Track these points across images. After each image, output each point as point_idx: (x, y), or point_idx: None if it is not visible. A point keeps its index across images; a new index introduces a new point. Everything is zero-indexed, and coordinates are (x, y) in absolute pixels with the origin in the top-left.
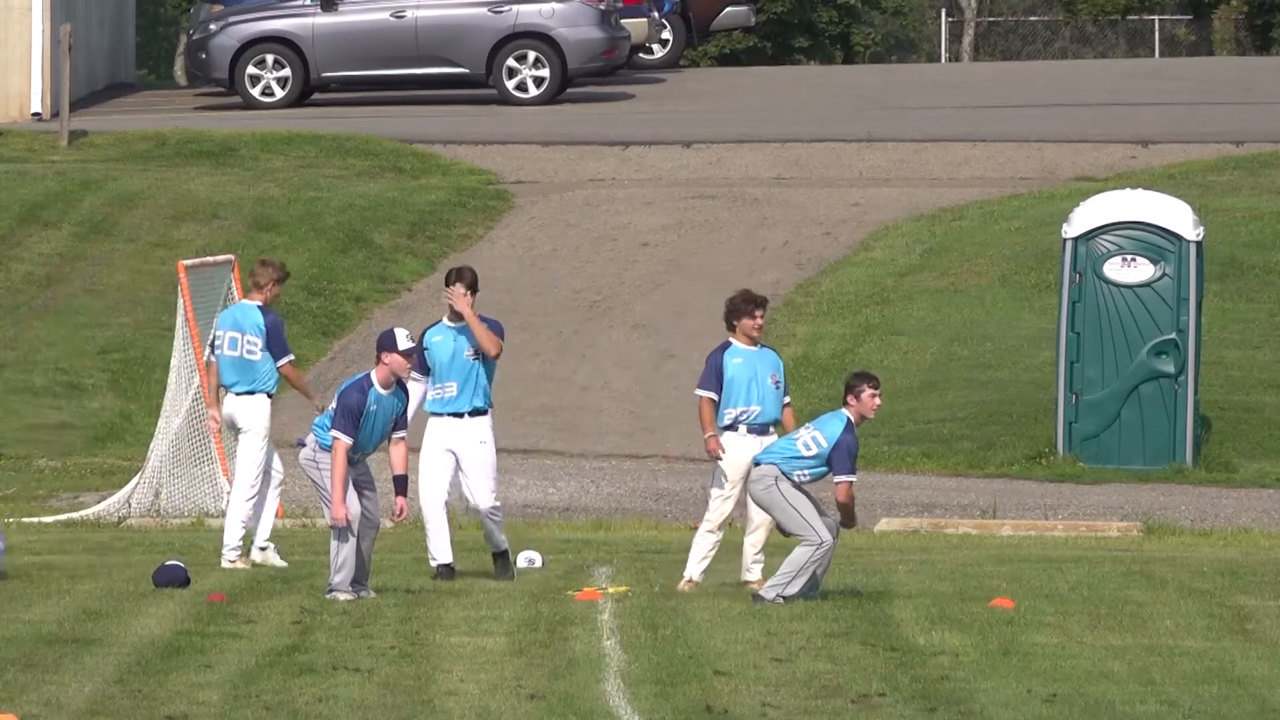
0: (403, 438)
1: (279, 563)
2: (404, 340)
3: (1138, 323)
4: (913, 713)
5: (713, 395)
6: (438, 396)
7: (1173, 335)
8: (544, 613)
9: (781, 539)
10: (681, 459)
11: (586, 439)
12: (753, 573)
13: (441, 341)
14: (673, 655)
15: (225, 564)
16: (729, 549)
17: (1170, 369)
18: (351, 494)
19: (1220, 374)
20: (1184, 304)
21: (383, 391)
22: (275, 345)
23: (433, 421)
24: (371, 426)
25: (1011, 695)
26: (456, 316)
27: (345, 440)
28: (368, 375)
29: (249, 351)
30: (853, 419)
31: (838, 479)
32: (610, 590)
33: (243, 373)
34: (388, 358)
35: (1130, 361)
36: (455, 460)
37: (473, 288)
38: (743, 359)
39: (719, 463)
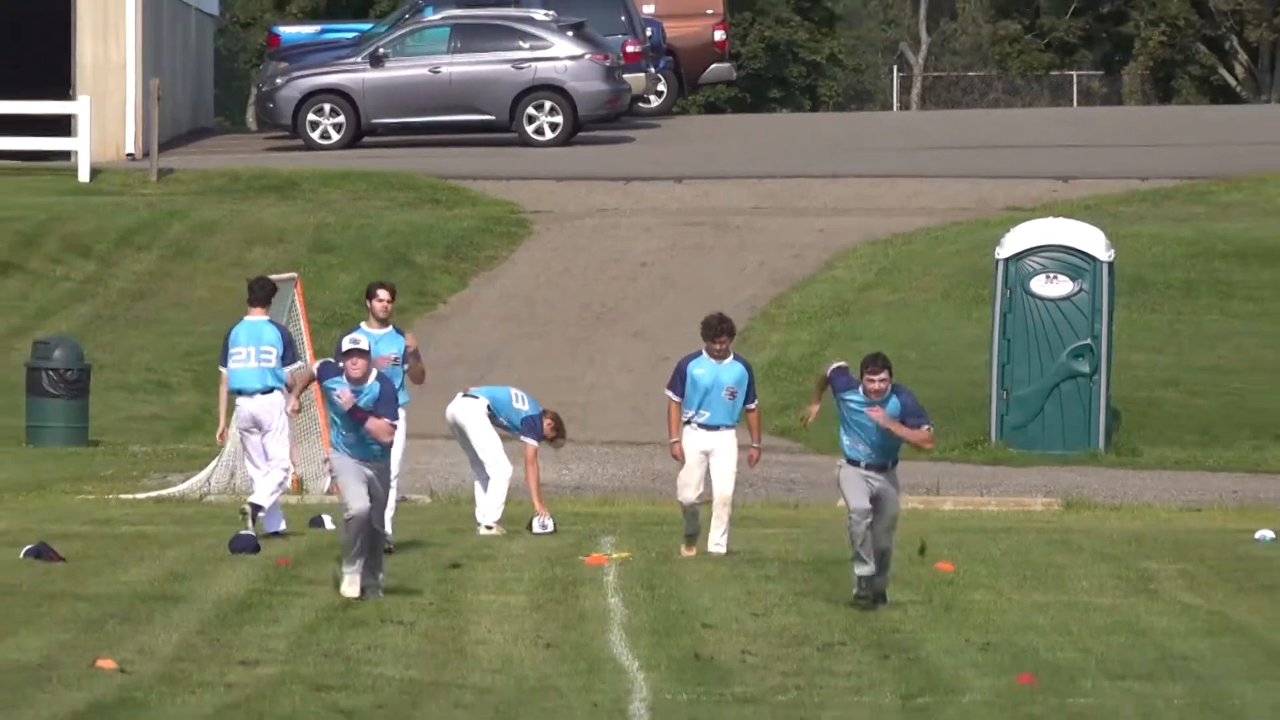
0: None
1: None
2: (346, 343)
3: (1059, 330)
4: (869, 659)
5: (676, 397)
6: None
7: (1088, 341)
8: (558, 575)
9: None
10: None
11: (594, 429)
12: (720, 545)
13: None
14: (667, 610)
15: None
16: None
17: (1086, 369)
18: (361, 490)
19: (1128, 374)
20: (1098, 315)
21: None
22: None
23: None
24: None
25: (952, 644)
26: (380, 324)
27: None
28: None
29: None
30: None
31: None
32: (614, 556)
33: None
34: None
35: (1052, 363)
36: None
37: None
38: (705, 369)
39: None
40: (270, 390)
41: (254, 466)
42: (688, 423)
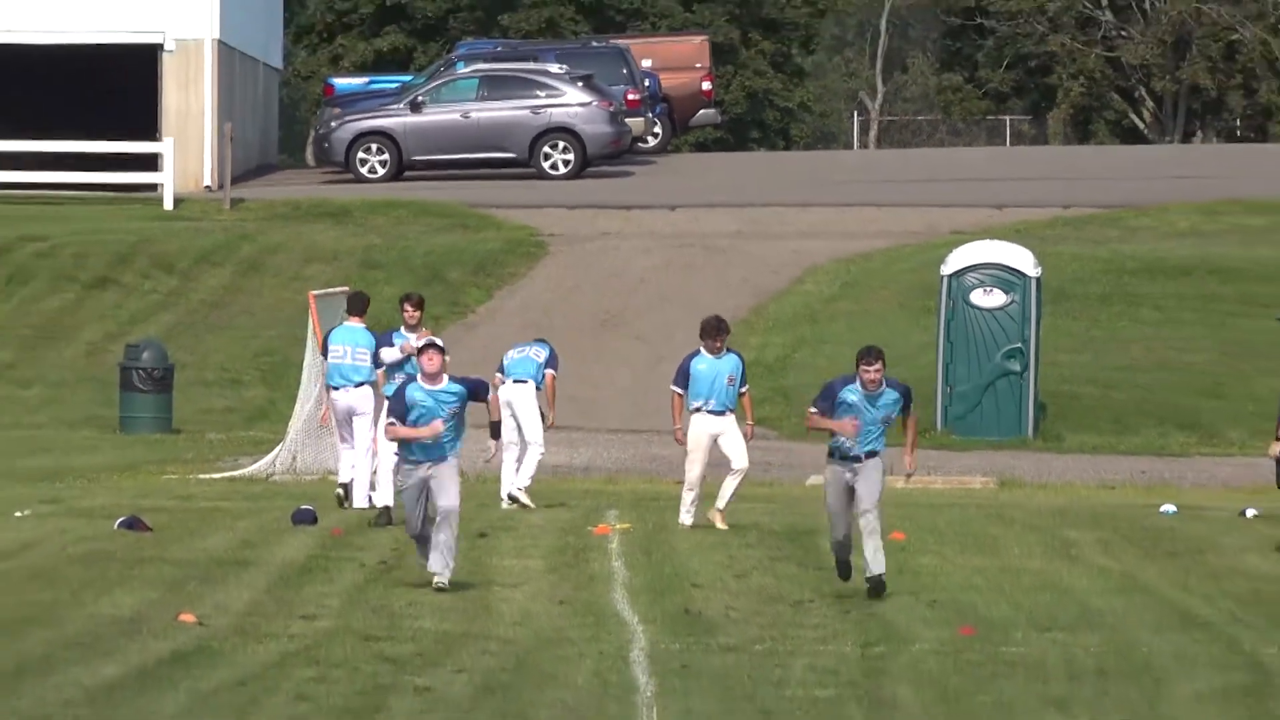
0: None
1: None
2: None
3: (994, 335)
4: (833, 614)
5: (680, 390)
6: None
7: (1019, 344)
8: (570, 542)
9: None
10: (669, 433)
11: (601, 418)
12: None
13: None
14: (661, 572)
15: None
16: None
17: (1017, 368)
18: (416, 513)
19: (1053, 372)
20: (1027, 322)
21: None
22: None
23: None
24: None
25: (904, 601)
26: (410, 329)
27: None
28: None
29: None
30: (857, 379)
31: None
32: (617, 526)
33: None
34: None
35: (989, 363)
36: None
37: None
38: (706, 364)
39: (688, 438)
40: (361, 385)
41: (347, 449)
42: (696, 410)
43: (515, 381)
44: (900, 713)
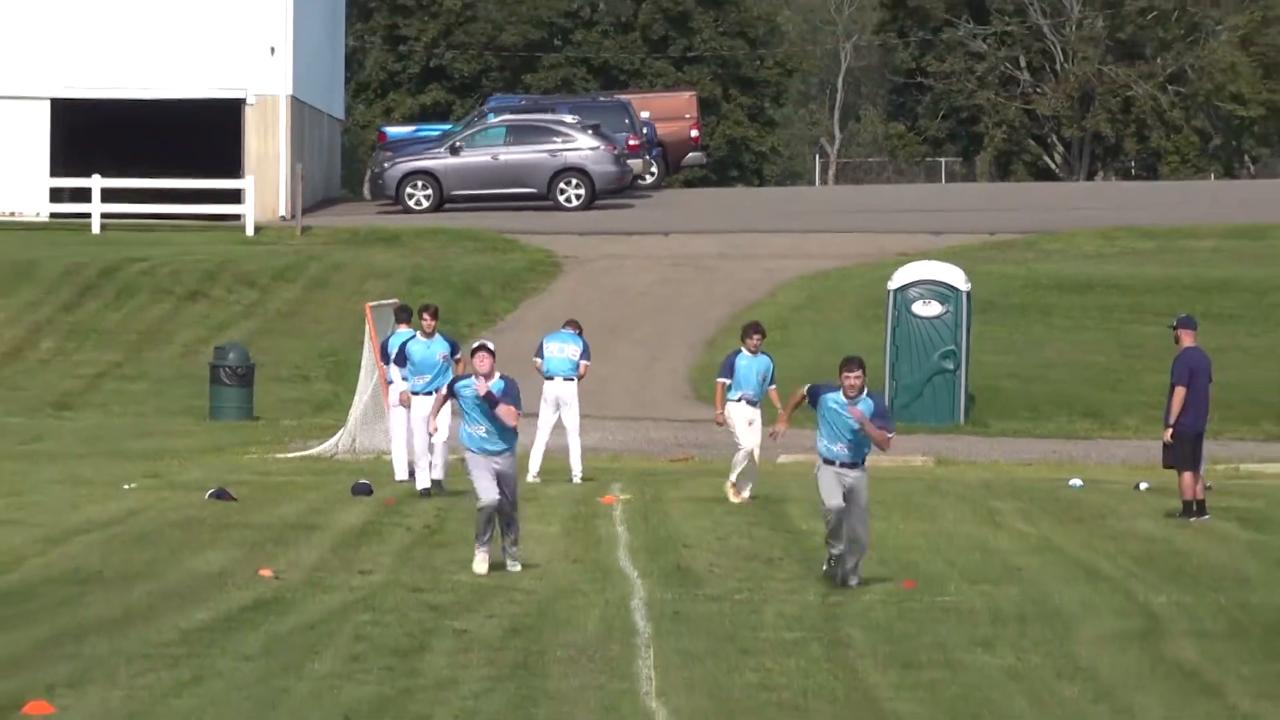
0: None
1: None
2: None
3: (932, 339)
4: (799, 569)
5: (726, 380)
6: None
7: (952, 347)
8: (581, 510)
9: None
10: (663, 420)
11: (607, 407)
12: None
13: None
14: (657, 535)
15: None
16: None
17: (951, 367)
18: (491, 483)
19: (981, 370)
20: (959, 328)
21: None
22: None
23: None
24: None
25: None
26: (427, 335)
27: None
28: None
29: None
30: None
31: None
32: (621, 497)
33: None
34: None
35: (927, 362)
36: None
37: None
38: (746, 361)
39: (730, 420)
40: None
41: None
42: (737, 400)
43: (564, 379)
44: (853, 651)
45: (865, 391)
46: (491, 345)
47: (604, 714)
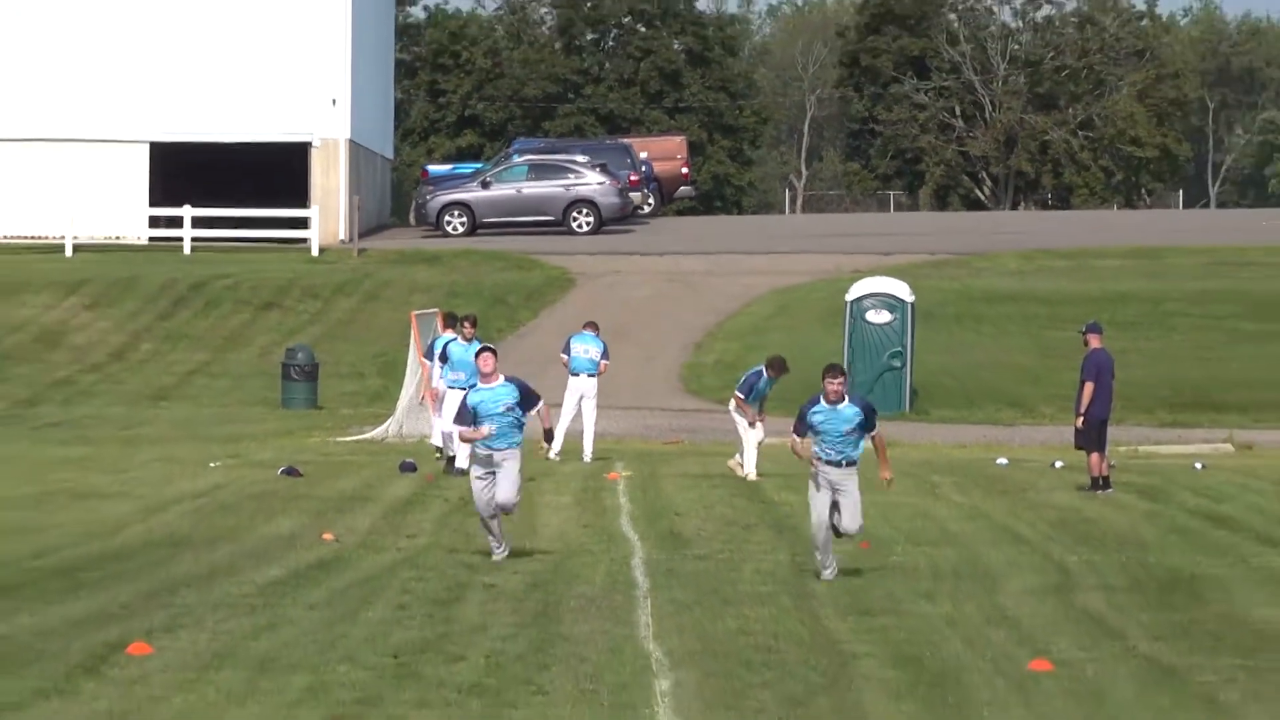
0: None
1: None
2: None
3: (882, 342)
4: (772, 534)
5: (745, 396)
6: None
7: (899, 349)
8: (590, 484)
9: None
10: (658, 409)
11: (611, 398)
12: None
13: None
14: (654, 505)
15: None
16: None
17: (898, 365)
18: (485, 493)
19: (923, 368)
20: (904, 333)
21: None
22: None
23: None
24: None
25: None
26: (467, 340)
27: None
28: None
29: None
30: (822, 396)
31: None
32: (624, 474)
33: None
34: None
35: (878, 361)
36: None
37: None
38: (768, 386)
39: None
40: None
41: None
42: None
43: (588, 376)
44: (816, 601)
45: (848, 399)
46: (493, 347)
47: (610, 654)
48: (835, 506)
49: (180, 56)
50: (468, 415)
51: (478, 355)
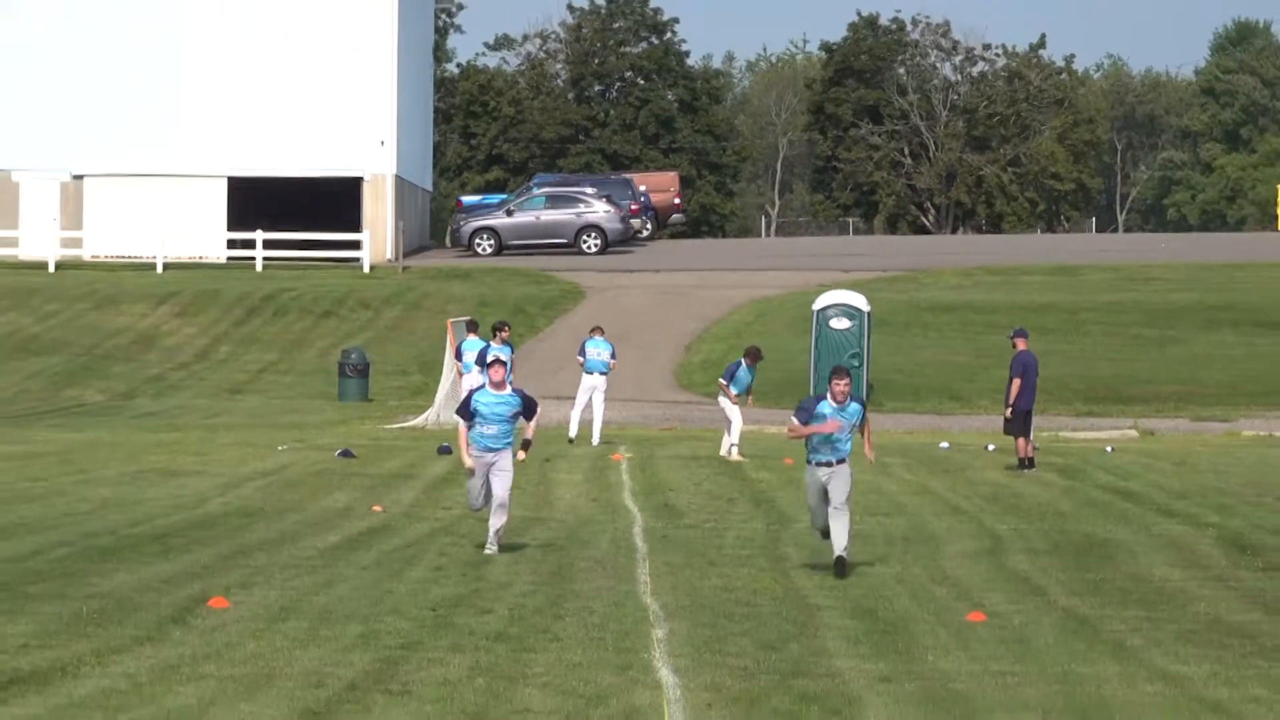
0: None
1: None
2: (489, 355)
3: (843, 345)
4: (750, 506)
5: (727, 381)
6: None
7: (858, 350)
8: (598, 464)
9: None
10: (654, 401)
11: (615, 391)
12: (731, 452)
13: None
14: (650, 481)
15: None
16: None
17: (857, 364)
18: (479, 494)
19: (878, 366)
20: (862, 337)
21: (495, 393)
22: (480, 357)
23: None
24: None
25: (791, 498)
26: (502, 343)
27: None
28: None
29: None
30: (828, 394)
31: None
32: (626, 455)
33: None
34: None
35: (840, 360)
36: None
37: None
38: (747, 373)
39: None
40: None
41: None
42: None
43: (600, 374)
44: (788, 563)
45: (851, 398)
46: (504, 357)
47: (614, 607)
48: (825, 493)
49: (252, 105)
50: (468, 413)
51: (490, 366)
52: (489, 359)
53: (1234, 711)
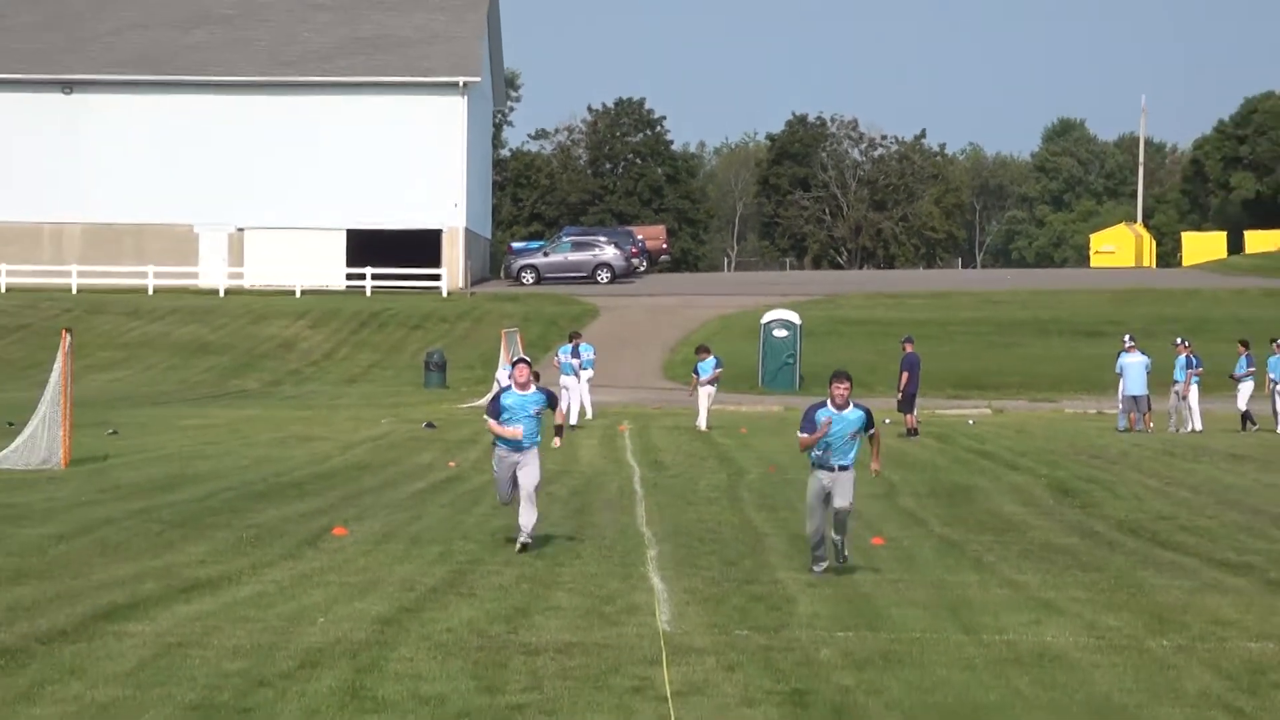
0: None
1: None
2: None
3: (782, 349)
4: (716, 463)
5: (697, 376)
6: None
7: (793, 353)
8: (607, 433)
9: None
10: (647, 388)
11: (619, 381)
12: (701, 421)
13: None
14: (647, 447)
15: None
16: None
17: (791, 362)
18: (507, 489)
19: (807, 364)
20: (796, 344)
21: (520, 392)
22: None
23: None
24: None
25: (747, 456)
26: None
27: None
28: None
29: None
30: (828, 400)
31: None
32: (628, 426)
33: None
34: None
35: (780, 360)
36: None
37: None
38: (715, 364)
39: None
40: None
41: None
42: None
43: (567, 375)
44: (744, 503)
45: (852, 404)
46: (529, 359)
47: (620, 534)
48: (829, 498)
49: (364, 177)
50: (498, 410)
51: (515, 365)
52: (514, 360)
53: (1059, 607)
